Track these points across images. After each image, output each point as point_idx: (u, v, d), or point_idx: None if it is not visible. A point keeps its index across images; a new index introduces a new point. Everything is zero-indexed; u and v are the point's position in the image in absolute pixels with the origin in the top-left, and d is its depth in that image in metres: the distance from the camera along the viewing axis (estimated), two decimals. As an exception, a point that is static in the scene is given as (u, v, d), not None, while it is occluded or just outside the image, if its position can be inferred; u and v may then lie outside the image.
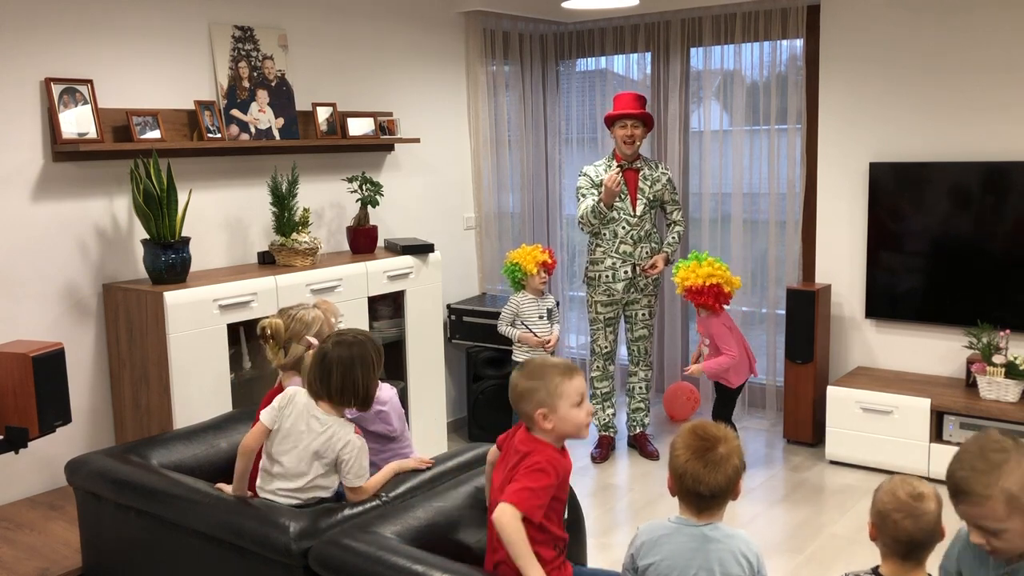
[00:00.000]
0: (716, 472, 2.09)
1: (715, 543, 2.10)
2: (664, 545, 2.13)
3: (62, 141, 3.51)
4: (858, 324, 5.01)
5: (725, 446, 2.12)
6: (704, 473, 2.09)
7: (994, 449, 1.88)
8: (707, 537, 2.11)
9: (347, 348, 2.61)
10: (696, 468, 2.10)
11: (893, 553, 2.11)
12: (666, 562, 2.12)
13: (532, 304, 4.67)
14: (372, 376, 2.64)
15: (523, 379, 2.31)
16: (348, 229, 4.59)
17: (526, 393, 2.30)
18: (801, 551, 3.76)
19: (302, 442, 2.59)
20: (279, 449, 2.62)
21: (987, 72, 4.49)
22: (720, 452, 2.11)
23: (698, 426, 2.17)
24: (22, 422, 2.72)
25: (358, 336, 2.67)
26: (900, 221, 4.76)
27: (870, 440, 4.54)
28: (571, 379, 2.30)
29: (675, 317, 5.65)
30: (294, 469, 2.59)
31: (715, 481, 2.09)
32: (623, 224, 4.66)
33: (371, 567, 2.22)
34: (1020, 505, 1.82)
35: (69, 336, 3.65)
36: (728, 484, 2.11)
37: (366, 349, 2.63)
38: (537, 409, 2.28)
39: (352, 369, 2.59)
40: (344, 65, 4.69)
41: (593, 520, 4.05)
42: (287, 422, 2.61)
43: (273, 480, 2.63)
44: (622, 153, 4.67)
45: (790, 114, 5.11)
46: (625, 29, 5.69)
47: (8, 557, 3.01)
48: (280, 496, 2.61)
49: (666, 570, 2.11)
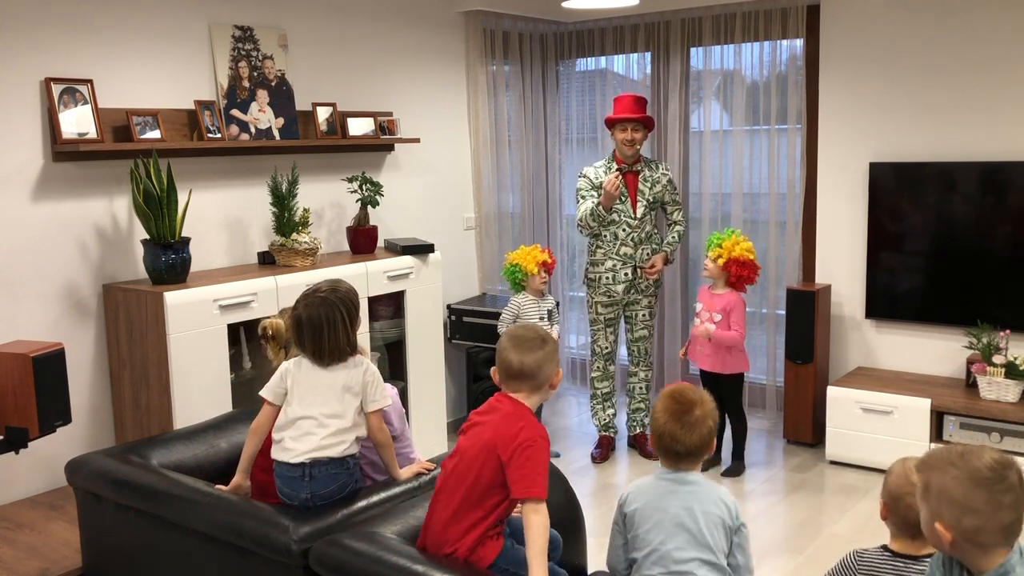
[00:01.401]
0: (692, 433, 2.30)
1: (692, 485, 2.32)
2: (646, 492, 2.35)
3: (62, 141, 3.51)
4: (858, 324, 5.01)
5: (700, 409, 2.33)
6: (681, 433, 2.30)
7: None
8: (684, 480, 2.33)
9: (315, 308, 2.63)
10: (674, 429, 2.31)
11: (903, 533, 2.21)
12: (649, 505, 2.32)
13: (533, 305, 4.67)
14: (348, 329, 2.66)
15: (530, 351, 2.35)
16: (348, 229, 4.59)
17: (543, 362, 2.36)
18: (801, 551, 3.76)
19: (324, 384, 2.62)
20: (307, 403, 2.62)
21: (987, 72, 4.49)
22: (696, 415, 2.31)
23: (676, 390, 2.37)
24: (22, 422, 2.72)
25: (324, 294, 2.67)
26: (900, 221, 4.76)
27: (870, 440, 4.54)
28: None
29: (675, 317, 5.65)
30: (329, 410, 2.60)
31: (691, 440, 2.30)
32: (624, 226, 4.65)
33: (371, 567, 2.22)
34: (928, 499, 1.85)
35: (69, 336, 3.65)
36: (702, 443, 2.32)
37: (332, 307, 2.64)
38: (554, 377, 2.40)
39: (322, 328, 2.62)
40: (344, 65, 4.69)
41: (593, 520, 4.05)
42: (298, 388, 2.64)
43: (301, 440, 2.59)
44: (623, 155, 4.67)
45: (790, 114, 5.11)
46: (625, 29, 5.69)
47: (8, 557, 3.01)
48: (315, 453, 2.57)
49: (649, 512, 2.31)
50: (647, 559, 2.29)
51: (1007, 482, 1.76)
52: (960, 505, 1.76)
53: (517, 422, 2.30)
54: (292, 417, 2.63)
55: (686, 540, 2.25)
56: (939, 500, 1.79)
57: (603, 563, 3.35)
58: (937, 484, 1.80)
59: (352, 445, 2.63)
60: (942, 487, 1.79)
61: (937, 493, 1.80)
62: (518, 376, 2.36)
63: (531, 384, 2.36)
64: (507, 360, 2.36)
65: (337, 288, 2.70)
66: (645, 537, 2.30)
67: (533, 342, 2.36)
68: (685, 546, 2.25)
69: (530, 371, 2.35)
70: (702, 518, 2.26)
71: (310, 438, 2.60)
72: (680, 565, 2.24)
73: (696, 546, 2.25)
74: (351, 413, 2.62)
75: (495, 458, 2.27)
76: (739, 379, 4.60)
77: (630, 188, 4.66)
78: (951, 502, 1.77)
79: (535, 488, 2.22)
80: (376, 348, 4.50)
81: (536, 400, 2.39)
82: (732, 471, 4.61)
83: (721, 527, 2.27)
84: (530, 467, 2.24)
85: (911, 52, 4.68)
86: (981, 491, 1.75)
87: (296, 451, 2.58)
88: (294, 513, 2.51)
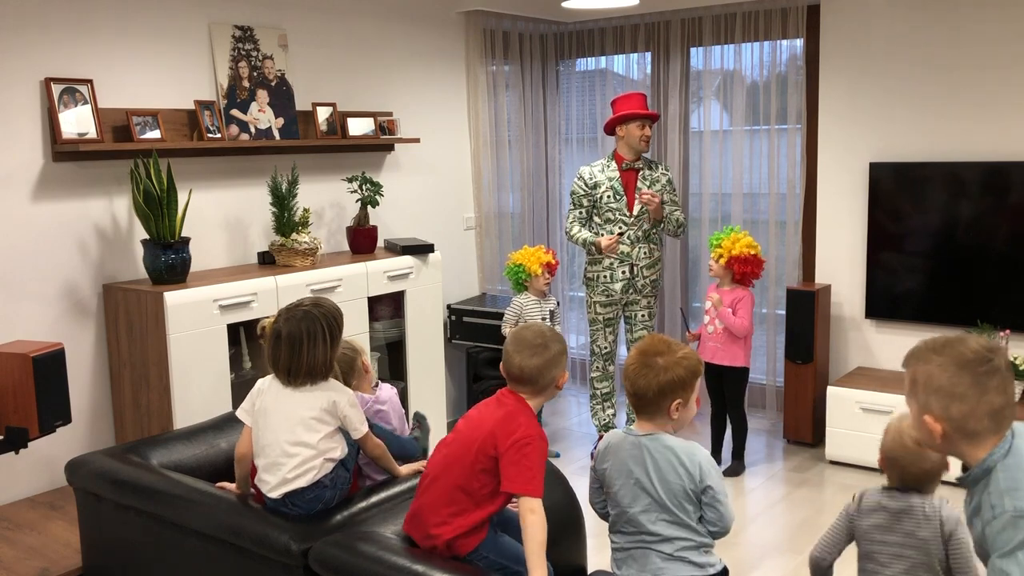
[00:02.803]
0: (647, 376, 2.28)
1: (651, 452, 2.31)
2: (614, 451, 2.38)
3: (62, 141, 3.51)
4: (858, 324, 5.01)
5: (665, 358, 2.29)
6: (637, 375, 2.30)
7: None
8: (644, 446, 2.32)
9: (297, 323, 2.51)
10: (634, 370, 2.32)
11: (900, 484, 2.33)
12: (614, 468, 2.36)
13: (535, 305, 4.67)
14: (327, 347, 2.52)
15: (532, 355, 2.33)
16: (348, 229, 4.59)
17: (545, 367, 2.35)
18: (801, 551, 3.76)
19: (289, 409, 2.49)
20: (272, 429, 2.51)
21: (988, 71, 4.49)
22: (658, 361, 2.29)
23: (657, 337, 2.39)
24: (22, 422, 2.71)
25: (307, 309, 2.55)
26: (900, 221, 4.76)
27: (870, 440, 4.54)
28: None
29: (675, 316, 5.65)
30: (293, 438, 2.48)
31: (645, 384, 2.28)
32: (620, 225, 4.65)
33: (371, 567, 2.22)
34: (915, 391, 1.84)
35: (69, 336, 3.65)
36: (650, 389, 2.27)
37: (314, 321, 2.51)
38: (560, 379, 2.39)
39: (302, 342, 2.49)
40: (344, 65, 4.69)
41: (593, 519, 4.04)
42: (263, 414, 2.54)
43: (271, 471, 2.52)
44: (632, 153, 4.62)
45: (790, 114, 5.11)
46: (625, 29, 5.69)
47: (8, 557, 3.01)
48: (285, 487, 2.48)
49: (616, 473, 2.36)
50: (619, 518, 2.38)
51: (991, 364, 1.74)
52: (947, 392, 1.75)
53: (517, 419, 2.30)
54: (260, 443, 2.55)
55: (649, 503, 2.31)
56: (926, 391, 1.78)
57: (603, 563, 3.35)
58: (923, 375, 1.79)
59: (322, 467, 2.51)
60: (928, 377, 1.78)
61: (924, 384, 1.78)
62: (519, 379, 2.36)
63: (532, 387, 2.36)
64: (509, 363, 2.36)
65: (320, 304, 2.59)
66: (615, 497, 2.37)
67: (536, 347, 2.34)
68: (650, 509, 2.31)
69: (531, 376, 2.34)
70: (660, 486, 2.29)
71: (277, 469, 2.50)
72: (649, 526, 2.31)
73: (659, 509, 2.30)
74: (317, 439, 2.50)
75: (491, 448, 2.28)
76: (743, 374, 4.60)
77: (629, 187, 4.65)
78: (938, 390, 1.76)
79: (531, 486, 2.23)
80: (376, 348, 4.50)
81: (540, 401, 2.40)
82: (732, 471, 4.61)
83: (683, 495, 2.29)
84: (526, 464, 2.24)
85: (911, 52, 4.68)
86: (966, 375, 1.74)
87: (270, 483, 2.52)
88: (294, 513, 2.51)
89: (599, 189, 4.63)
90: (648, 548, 2.31)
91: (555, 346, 2.38)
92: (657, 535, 2.30)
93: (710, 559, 2.33)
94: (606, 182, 4.63)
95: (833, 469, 4.66)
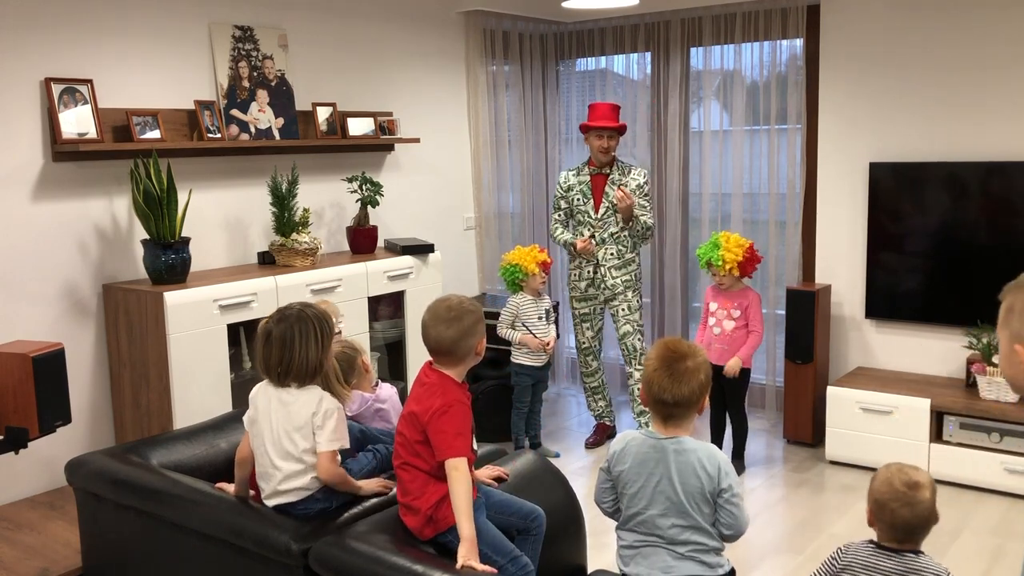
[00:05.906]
0: (681, 383, 2.27)
1: (675, 455, 2.30)
2: (632, 454, 2.36)
3: (62, 141, 3.51)
4: (858, 324, 5.01)
5: (693, 361, 2.30)
6: (669, 383, 2.27)
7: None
8: (667, 449, 2.31)
9: (289, 323, 2.49)
10: (663, 378, 2.28)
11: (890, 538, 2.23)
12: (633, 470, 2.35)
13: (532, 305, 4.67)
14: (319, 348, 2.50)
15: (446, 327, 2.35)
16: (348, 229, 4.59)
17: (460, 337, 2.36)
18: (801, 551, 3.76)
19: (279, 418, 2.47)
20: (262, 438, 2.50)
21: (988, 71, 4.49)
22: (687, 365, 2.28)
23: (670, 341, 2.36)
24: (22, 422, 2.71)
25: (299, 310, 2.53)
26: (900, 221, 4.76)
27: (870, 440, 4.54)
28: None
29: (675, 317, 5.65)
30: (279, 450, 2.47)
31: (680, 391, 2.27)
32: (587, 226, 4.80)
33: (371, 567, 2.22)
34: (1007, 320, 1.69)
35: (69, 336, 3.65)
36: (692, 395, 2.28)
37: (306, 322, 2.49)
38: (477, 346, 2.40)
39: (294, 341, 2.47)
40: (344, 65, 4.69)
41: (592, 519, 4.05)
42: (256, 422, 2.53)
43: (265, 479, 2.53)
44: (596, 160, 4.80)
45: (790, 114, 5.11)
46: (625, 29, 5.69)
47: (8, 557, 3.01)
48: (278, 500, 2.49)
49: (634, 476, 2.35)
50: (633, 519, 2.38)
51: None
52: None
53: (436, 391, 2.35)
54: (254, 451, 2.55)
55: (668, 507, 2.31)
56: (1021, 319, 1.63)
57: (603, 563, 3.36)
58: (1022, 303, 1.64)
59: (310, 485, 2.48)
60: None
61: (1021, 311, 1.64)
62: (436, 351, 2.40)
63: (451, 358, 2.39)
64: (426, 335, 2.40)
65: (311, 306, 2.59)
66: (631, 499, 2.37)
67: (450, 320, 2.37)
68: (668, 512, 2.31)
69: (448, 347, 2.37)
70: (681, 489, 2.30)
71: (270, 479, 2.50)
72: (664, 531, 2.32)
73: (678, 514, 2.30)
74: (301, 451, 2.46)
75: (420, 424, 2.34)
76: (745, 375, 4.60)
77: (596, 190, 4.80)
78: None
79: (452, 449, 2.28)
80: (376, 348, 4.50)
81: (460, 370, 2.42)
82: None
83: (700, 497, 2.30)
84: (446, 430, 2.29)
85: (911, 52, 4.68)
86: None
87: (266, 491, 2.53)
88: (294, 513, 2.51)
89: (572, 192, 4.84)
90: (660, 547, 2.33)
91: (469, 317, 2.39)
92: (671, 536, 2.31)
93: (719, 560, 2.35)
94: (577, 186, 4.83)
95: (833, 469, 4.66)
